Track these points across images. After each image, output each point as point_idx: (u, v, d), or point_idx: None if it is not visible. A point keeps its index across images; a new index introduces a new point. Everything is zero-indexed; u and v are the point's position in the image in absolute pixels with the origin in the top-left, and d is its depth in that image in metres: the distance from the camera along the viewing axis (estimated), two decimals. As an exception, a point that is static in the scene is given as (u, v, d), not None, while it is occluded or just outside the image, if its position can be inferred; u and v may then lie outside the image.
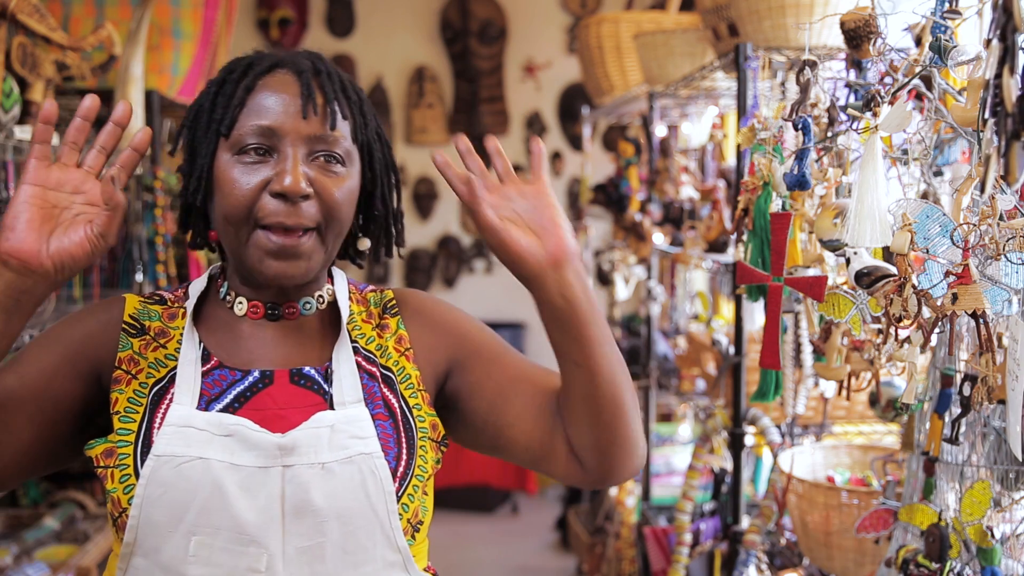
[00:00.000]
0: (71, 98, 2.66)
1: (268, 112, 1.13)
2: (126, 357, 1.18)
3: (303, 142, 1.13)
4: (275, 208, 1.12)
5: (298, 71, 1.16)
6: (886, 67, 1.39)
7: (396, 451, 1.16)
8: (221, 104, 1.15)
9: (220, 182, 1.14)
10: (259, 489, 1.10)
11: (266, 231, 1.13)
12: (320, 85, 1.16)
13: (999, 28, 1.10)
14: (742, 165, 2.09)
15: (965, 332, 1.40)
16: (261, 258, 1.13)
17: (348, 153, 1.17)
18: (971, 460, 1.41)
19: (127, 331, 1.19)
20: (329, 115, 1.15)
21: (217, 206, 1.15)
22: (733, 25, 2.28)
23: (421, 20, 5.96)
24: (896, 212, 1.28)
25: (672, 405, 3.94)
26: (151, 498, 1.10)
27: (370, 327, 1.26)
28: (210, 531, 1.09)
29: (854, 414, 2.41)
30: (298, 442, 1.12)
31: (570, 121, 5.92)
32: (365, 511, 1.13)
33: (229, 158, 1.13)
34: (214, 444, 1.11)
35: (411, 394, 1.22)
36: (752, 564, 2.13)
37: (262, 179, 1.12)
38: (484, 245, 6.02)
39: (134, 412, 1.15)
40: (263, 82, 1.15)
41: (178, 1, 2.97)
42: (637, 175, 3.72)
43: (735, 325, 2.30)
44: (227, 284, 1.23)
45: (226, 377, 1.17)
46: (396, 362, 1.23)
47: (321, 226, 1.15)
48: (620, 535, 3.68)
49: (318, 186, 1.14)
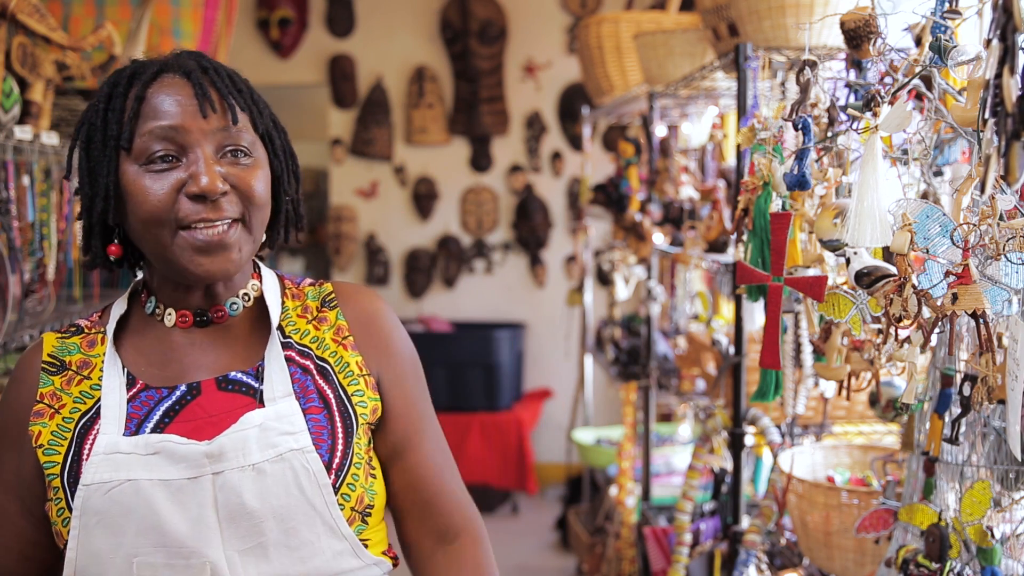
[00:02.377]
0: (71, 98, 2.66)
1: (167, 115, 1.12)
2: (47, 392, 1.18)
3: (208, 140, 1.13)
4: (195, 209, 1.11)
5: (186, 72, 1.15)
6: (886, 67, 1.39)
7: (330, 443, 1.16)
8: (114, 119, 1.14)
9: (131, 194, 1.12)
10: (190, 500, 1.10)
11: (190, 230, 1.12)
12: (211, 82, 1.16)
13: (999, 28, 1.10)
14: (742, 165, 2.09)
15: (965, 332, 1.40)
16: (191, 257, 1.12)
17: (253, 144, 1.17)
18: (971, 460, 1.41)
19: (46, 370, 1.19)
20: (228, 109, 1.15)
21: (133, 217, 1.13)
22: (733, 25, 2.28)
23: (421, 20, 5.96)
24: (896, 212, 1.28)
25: (672, 405, 3.94)
26: (87, 528, 1.10)
27: (305, 321, 1.25)
28: (150, 550, 1.09)
29: (854, 414, 2.41)
30: (225, 447, 1.12)
31: (570, 121, 5.92)
32: (302, 506, 1.13)
33: (136, 169, 1.12)
34: (141, 464, 1.11)
35: (351, 381, 1.22)
36: (752, 564, 2.13)
37: (175, 181, 1.12)
38: (484, 245, 6.02)
39: (58, 445, 1.15)
40: (152, 89, 1.14)
41: (178, 1, 2.97)
42: (637, 175, 3.72)
43: (735, 325, 2.30)
44: (154, 298, 1.22)
45: (152, 397, 1.17)
46: (334, 352, 1.23)
47: (245, 216, 1.15)
48: (620, 535, 3.68)
49: (233, 180, 1.14)
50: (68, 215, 2.33)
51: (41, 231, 2.18)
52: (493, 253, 6.06)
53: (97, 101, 1.16)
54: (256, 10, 5.84)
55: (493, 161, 6.03)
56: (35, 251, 2.15)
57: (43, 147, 2.08)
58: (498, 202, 6.04)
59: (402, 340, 1.29)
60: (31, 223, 2.12)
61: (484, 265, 6.06)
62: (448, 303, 6.02)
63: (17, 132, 1.95)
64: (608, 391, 5.64)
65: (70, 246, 2.35)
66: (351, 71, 5.95)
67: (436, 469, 1.29)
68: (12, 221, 1.93)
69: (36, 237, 2.16)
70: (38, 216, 2.17)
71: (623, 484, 3.76)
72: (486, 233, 6.03)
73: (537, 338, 6.03)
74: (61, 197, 2.30)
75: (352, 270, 6.13)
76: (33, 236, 2.14)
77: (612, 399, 5.60)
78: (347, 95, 5.96)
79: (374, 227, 6.07)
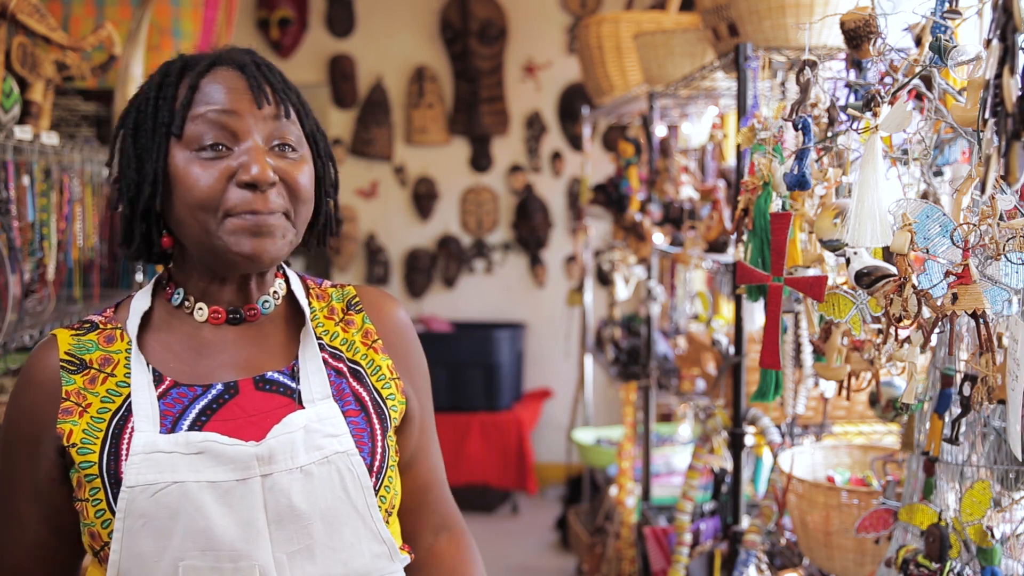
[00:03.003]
0: (71, 98, 2.66)
1: (221, 101, 1.13)
2: (73, 390, 1.15)
3: (261, 132, 1.14)
4: (243, 198, 1.11)
5: (239, 65, 1.16)
6: (886, 67, 1.39)
7: (371, 446, 1.18)
8: (165, 106, 1.14)
9: (180, 180, 1.12)
10: (239, 502, 1.09)
11: (237, 217, 1.12)
12: (264, 76, 1.17)
13: (999, 28, 1.10)
14: (742, 165, 2.09)
15: (965, 332, 1.40)
16: (236, 239, 1.12)
17: (300, 141, 1.18)
18: (971, 460, 1.41)
19: (66, 368, 1.16)
20: (281, 102, 1.16)
21: (180, 203, 1.13)
22: (733, 25, 2.28)
23: (421, 20, 5.96)
24: (896, 212, 1.28)
25: (672, 405, 3.94)
26: (131, 530, 1.08)
27: (332, 323, 1.26)
28: (197, 554, 1.08)
29: (854, 414, 2.41)
30: (274, 450, 1.11)
31: (570, 121, 5.92)
32: (347, 508, 1.13)
33: (186, 156, 1.12)
34: (186, 464, 1.09)
35: (384, 384, 1.23)
36: (752, 564, 2.13)
37: (226, 169, 1.12)
38: (484, 245, 6.02)
39: (92, 443, 1.12)
40: (206, 79, 1.14)
41: (178, 1, 2.97)
42: (637, 175, 3.72)
43: (735, 325, 2.30)
44: (182, 290, 1.21)
45: (185, 395, 1.15)
46: (364, 355, 1.24)
47: (289, 211, 1.15)
48: (620, 535, 3.68)
49: (282, 173, 1.14)
50: (68, 215, 2.33)
51: (41, 231, 2.18)
52: (493, 253, 6.06)
53: (147, 89, 1.17)
54: (256, 10, 5.84)
55: (493, 161, 6.03)
56: (35, 251, 2.15)
57: (43, 147, 2.08)
58: (498, 202, 6.04)
59: (420, 351, 1.33)
60: (31, 223, 2.12)
61: (484, 265, 6.06)
62: (448, 303, 6.02)
63: (17, 132, 1.95)
64: (608, 391, 5.64)
65: (70, 246, 2.35)
66: (351, 71, 5.95)
67: (439, 472, 1.36)
68: (12, 221, 1.93)
69: (36, 237, 2.16)
70: (38, 216, 2.16)
71: (623, 484, 3.76)
72: (486, 233, 6.03)
73: (537, 338, 6.03)
74: (61, 197, 2.30)
75: (352, 270, 6.13)
76: (33, 236, 2.14)
77: (612, 399, 5.60)
78: (347, 95, 5.96)
79: (374, 227, 6.07)
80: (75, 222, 2.38)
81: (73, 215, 2.36)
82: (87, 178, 2.45)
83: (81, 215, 2.42)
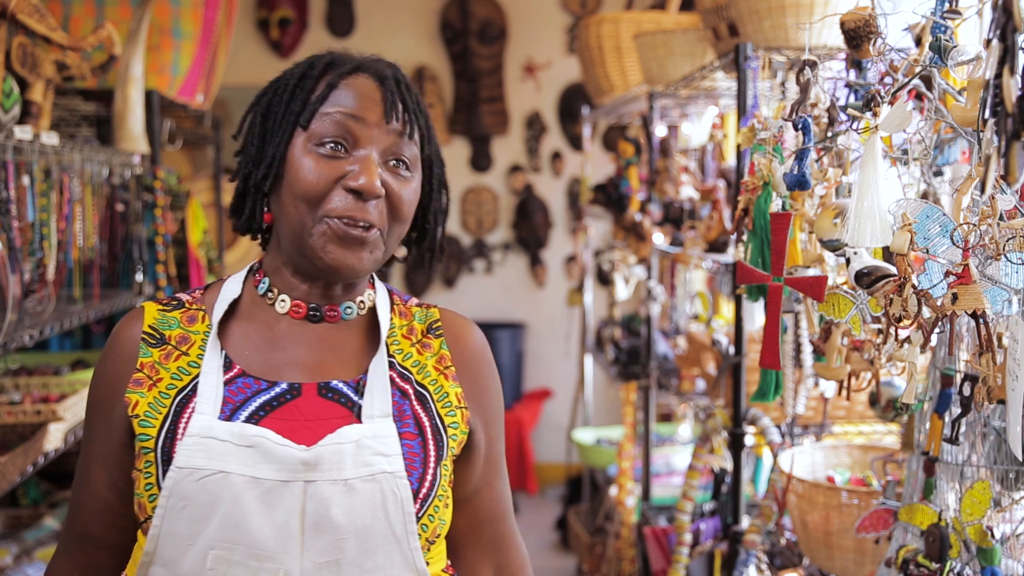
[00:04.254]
0: (71, 98, 2.67)
1: (352, 106, 1.15)
2: (148, 363, 1.18)
3: (380, 144, 1.16)
4: (346, 203, 1.13)
5: (380, 77, 1.18)
6: (886, 67, 1.39)
7: (420, 472, 1.16)
8: (300, 97, 1.17)
9: (293, 168, 1.15)
10: (279, 504, 1.10)
11: (333, 220, 1.14)
12: (400, 94, 1.19)
13: (999, 28, 1.10)
14: (742, 165, 2.09)
15: (965, 332, 1.40)
16: (325, 244, 1.14)
17: (415, 162, 1.20)
18: (971, 460, 1.41)
19: (146, 341, 1.20)
20: (408, 124, 1.18)
21: (287, 189, 1.16)
22: (733, 25, 2.28)
23: (421, 20, 5.96)
24: (896, 212, 1.28)
25: (672, 405, 3.94)
26: (172, 510, 1.10)
27: (409, 343, 1.26)
28: (228, 546, 1.09)
29: (854, 414, 2.41)
30: (322, 458, 1.11)
31: (570, 121, 5.92)
32: (384, 530, 1.12)
33: (306, 147, 1.15)
34: (236, 456, 1.10)
35: (448, 412, 1.22)
36: (752, 564, 2.13)
37: (338, 171, 1.14)
38: (484, 245, 6.02)
39: (154, 418, 1.15)
40: (346, 81, 1.17)
41: (178, 1, 2.97)
42: (637, 175, 3.72)
43: (735, 325, 2.30)
44: (268, 280, 1.22)
45: (250, 385, 1.16)
46: (434, 380, 1.23)
47: (384, 228, 1.17)
48: (620, 535, 3.68)
49: (388, 187, 1.16)
50: (68, 215, 2.33)
51: (41, 231, 2.18)
52: (493, 253, 6.06)
53: (288, 77, 1.20)
54: (256, 10, 5.84)
55: (493, 161, 6.03)
56: (35, 251, 2.15)
57: (43, 147, 2.08)
58: (498, 202, 6.04)
59: (497, 383, 1.31)
60: (31, 223, 2.12)
61: (484, 265, 6.06)
62: (448, 303, 5.96)
63: (17, 132, 1.94)
64: (608, 391, 5.64)
65: (70, 246, 2.35)
66: (351, 71, 5.94)
67: (506, 506, 1.34)
68: (12, 221, 1.93)
69: (36, 237, 2.16)
70: (38, 216, 2.16)
71: (623, 484, 3.76)
72: (486, 233, 6.04)
73: (537, 338, 6.03)
74: (61, 197, 2.30)
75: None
76: (33, 236, 2.14)
77: (612, 399, 5.60)
78: (347, 95, 5.95)
79: (374, 227, 6.07)
80: (75, 222, 2.38)
81: (73, 215, 2.36)
82: (87, 178, 2.45)
83: (81, 215, 2.42)
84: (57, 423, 2.05)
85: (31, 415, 2.07)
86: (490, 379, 1.30)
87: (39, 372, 2.49)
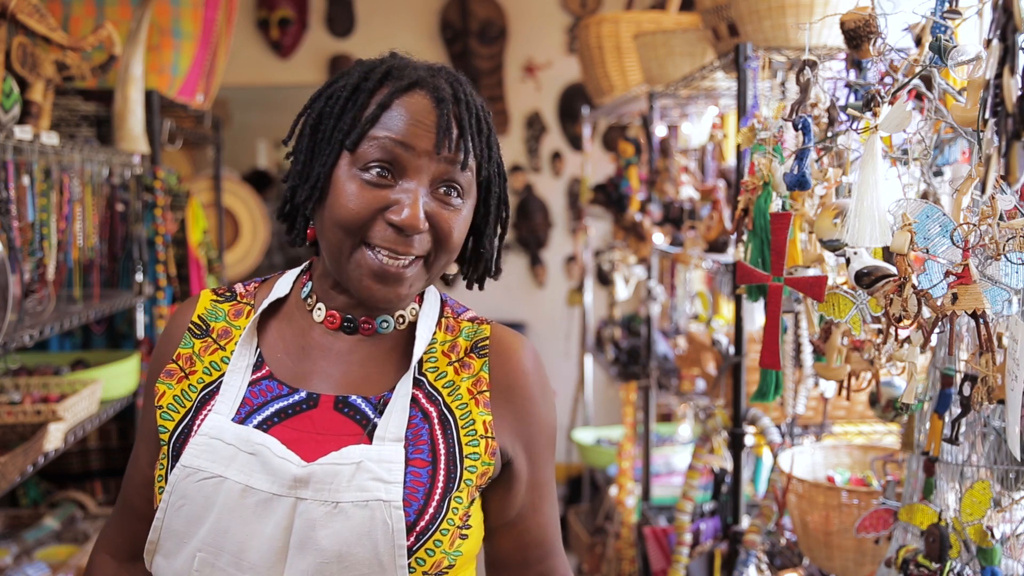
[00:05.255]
0: (71, 98, 2.67)
1: (402, 132, 1.08)
2: (185, 354, 1.18)
3: (430, 172, 1.09)
4: (387, 236, 1.08)
5: (438, 98, 1.10)
6: (886, 67, 1.39)
7: (422, 503, 1.09)
8: (351, 114, 1.10)
9: (337, 192, 1.09)
10: (268, 517, 1.08)
11: (373, 251, 1.09)
12: (457, 116, 1.11)
13: (999, 28, 1.10)
14: (742, 165, 2.09)
15: (965, 332, 1.40)
16: (361, 277, 1.09)
17: (468, 186, 1.13)
18: (971, 460, 1.41)
19: (192, 331, 1.20)
20: (462, 151, 1.10)
21: (329, 213, 1.10)
22: (733, 25, 2.28)
23: (421, 20, 5.96)
24: (896, 212, 1.28)
25: (672, 405, 3.94)
26: (173, 506, 1.10)
27: (447, 361, 1.19)
28: (214, 551, 1.08)
29: (854, 414, 2.41)
30: (314, 476, 1.07)
31: (570, 121, 5.92)
32: (370, 559, 1.07)
33: (351, 171, 1.09)
34: (237, 461, 1.09)
35: (470, 440, 1.14)
36: (752, 564, 2.13)
37: (381, 201, 1.08)
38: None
39: (175, 411, 1.15)
40: (399, 100, 1.09)
41: (178, 1, 2.97)
42: (637, 175, 3.72)
43: (735, 325, 2.30)
44: (311, 284, 1.19)
45: (272, 389, 1.15)
46: (463, 405, 1.16)
47: (429, 255, 1.12)
48: (620, 535, 3.68)
49: (434, 219, 1.10)
50: (68, 215, 2.33)
51: (41, 231, 2.18)
52: (493, 253, 6.05)
53: (342, 86, 1.13)
54: (256, 10, 5.84)
55: (493, 161, 6.03)
56: (35, 251, 2.15)
57: (43, 147, 2.08)
58: (498, 202, 6.04)
59: (546, 407, 1.23)
60: (31, 223, 2.13)
61: (484, 265, 6.06)
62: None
63: (17, 132, 1.95)
64: (608, 391, 5.64)
65: (70, 246, 2.35)
66: (351, 71, 5.94)
67: (552, 530, 1.26)
68: (12, 221, 1.93)
69: (36, 237, 2.16)
70: (38, 216, 2.17)
71: (623, 484, 3.76)
72: (486, 233, 6.03)
73: (537, 338, 6.03)
74: (61, 197, 2.30)
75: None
76: (33, 236, 2.15)
77: (612, 399, 5.60)
78: (347, 95, 5.96)
79: (374, 227, 6.08)
80: (75, 222, 2.39)
81: (73, 215, 2.36)
82: (87, 178, 2.45)
83: (81, 215, 2.42)
84: (57, 423, 2.05)
85: (31, 415, 2.07)
86: (539, 403, 1.21)
87: (39, 372, 2.49)
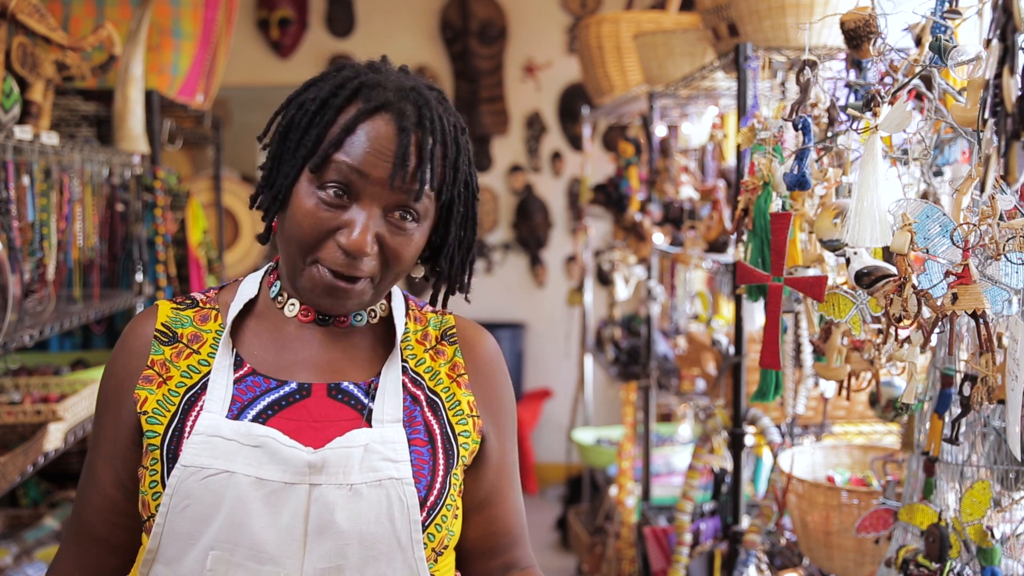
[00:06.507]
0: (71, 98, 2.67)
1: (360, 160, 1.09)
2: (159, 360, 1.18)
3: (384, 200, 1.11)
4: (336, 257, 1.10)
5: (400, 127, 1.10)
6: (886, 67, 1.39)
7: (429, 479, 1.14)
8: (316, 130, 1.12)
9: (295, 207, 1.11)
10: (283, 506, 1.09)
11: (323, 267, 1.11)
12: (419, 144, 1.11)
13: (999, 28, 1.10)
14: (742, 165, 2.09)
15: (965, 332, 1.40)
16: (313, 289, 1.13)
17: (425, 211, 1.14)
18: (971, 460, 1.41)
19: (158, 339, 1.19)
20: (417, 182, 1.11)
21: (287, 226, 1.13)
22: (733, 25, 2.28)
23: (421, 20, 5.96)
24: (896, 212, 1.28)
25: (672, 405, 3.94)
26: (176, 509, 1.09)
27: (423, 349, 1.24)
28: (229, 547, 1.08)
29: (854, 414, 2.41)
30: (328, 461, 1.10)
31: (570, 121, 5.92)
32: (389, 537, 1.10)
33: (310, 189, 1.11)
34: (241, 455, 1.09)
35: (459, 420, 1.20)
36: (752, 564, 2.13)
37: (333, 223, 1.10)
38: (484, 245, 6.02)
39: (162, 415, 1.14)
40: (364, 125, 1.10)
41: (178, 1, 2.97)
42: (637, 175, 3.72)
43: (735, 325, 2.30)
44: (279, 283, 1.21)
45: (259, 384, 1.16)
46: (446, 388, 1.22)
47: (376, 277, 1.14)
48: (620, 535, 3.68)
49: (384, 242, 1.12)
50: (68, 215, 2.33)
51: (41, 231, 2.18)
52: (493, 253, 6.06)
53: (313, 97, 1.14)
54: (256, 10, 5.84)
55: (493, 161, 6.03)
56: (35, 251, 2.15)
57: (43, 147, 2.08)
58: (498, 202, 6.04)
59: (509, 392, 1.29)
60: (31, 223, 2.13)
61: (484, 265, 6.06)
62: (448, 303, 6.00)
63: (17, 132, 1.95)
64: (608, 391, 5.64)
65: (70, 246, 2.35)
66: (351, 71, 5.94)
67: (518, 518, 1.29)
68: (12, 221, 1.93)
69: (36, 237, 2.16)
70: (38, 216, 2.17)
71: (623, 484, 3.76)
72: (486, 233, 6.03)
73: (537, 338, 6.03)
74: (61, 197, 2.30)
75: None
76: (33, 236, 2.15)
77: (612, 399, 5.60)
78: (347, 95, 5.95)
79: (374, 227, 6.07)
80: (75, 222, 2.39)
81: (73, 215, 2.36)
82: (87, 178, 2.45)
83: (81, 215, 2.42)
84: (57, 423, 2.05)
85: (31, 415, 2.07)
86: (503, 389, 1.27)
87: (39, 372, 2.49)
